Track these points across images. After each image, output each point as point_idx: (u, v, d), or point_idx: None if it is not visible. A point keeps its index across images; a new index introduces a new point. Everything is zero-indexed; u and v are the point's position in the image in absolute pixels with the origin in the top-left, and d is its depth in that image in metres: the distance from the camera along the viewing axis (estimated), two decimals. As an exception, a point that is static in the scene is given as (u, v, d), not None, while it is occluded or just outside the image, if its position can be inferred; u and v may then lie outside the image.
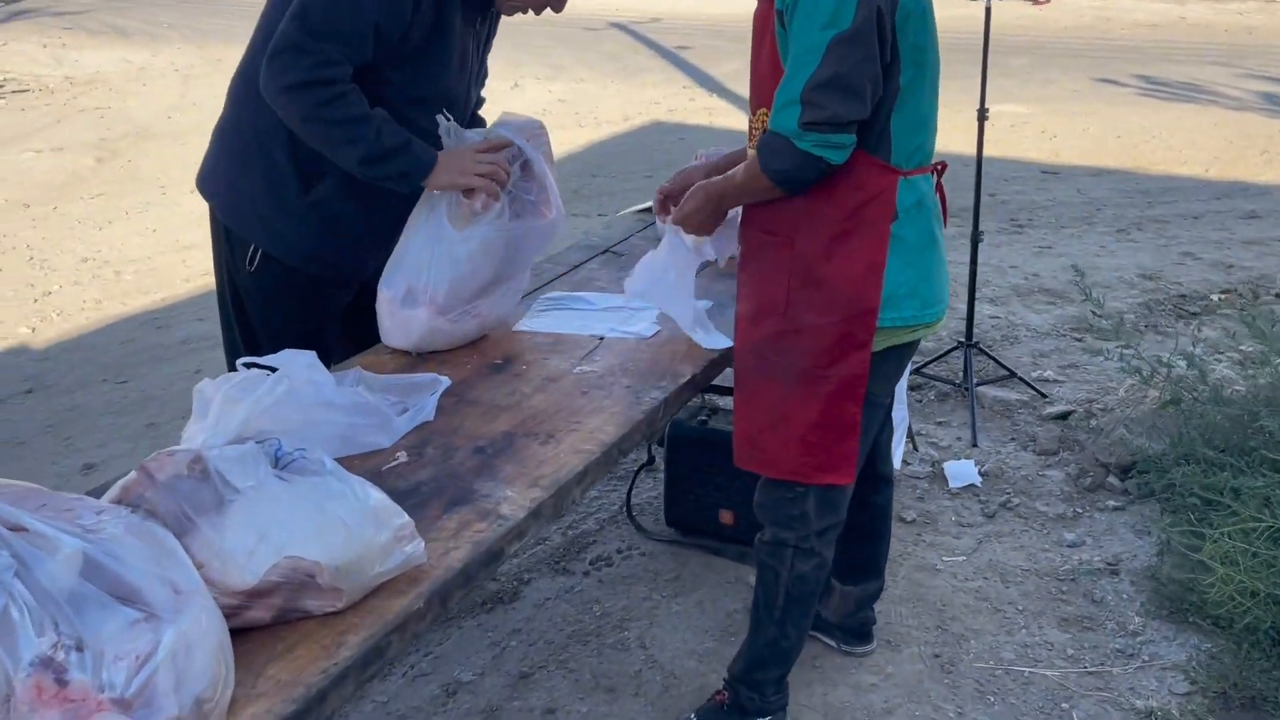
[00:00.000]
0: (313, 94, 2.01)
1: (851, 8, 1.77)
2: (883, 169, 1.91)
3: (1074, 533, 3.00)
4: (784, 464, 2.04)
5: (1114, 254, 5.49)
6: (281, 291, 2.26)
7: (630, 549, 2.97)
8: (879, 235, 1.92)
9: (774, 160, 1.86)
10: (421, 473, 1.76)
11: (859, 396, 1.98)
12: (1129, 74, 10.12)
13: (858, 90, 1.80)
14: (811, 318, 1.94)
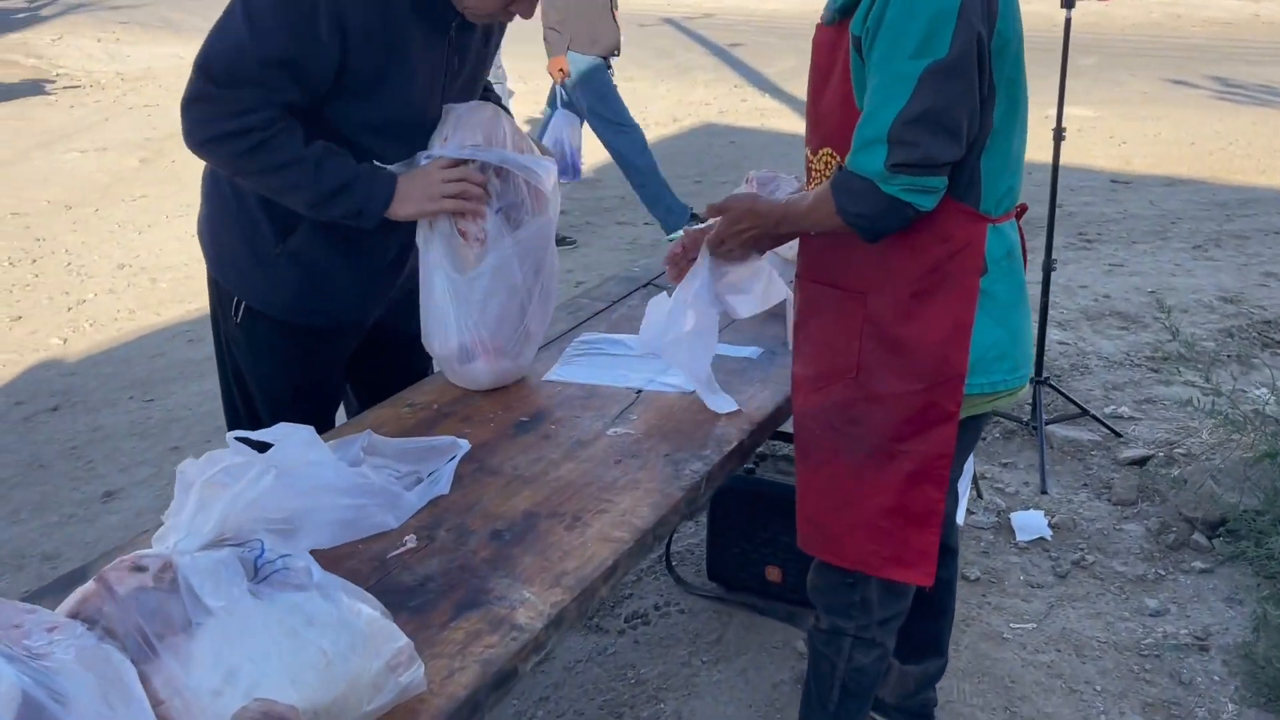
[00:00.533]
0: (231, 146, 1.81)
1: (948, 34, 1.52)
2: (971, 216, 1.67)
3: (1156, 599, 2.74)
4: (850, 551, 1.80)
5: (1191, 273, 5.16)
6: (269, 344, 2.08)
7: (669, 605, 2.76)
8: (966, 291, 1.68)
9: (853, 203, 1.61)
10: (431, 562, 1.56)
11: (943, 479, 1.73)
12: (1202, 75, 9.69)
13: (954, 128, 1.56)
14: (889, 385, 1.71)
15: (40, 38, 13.22)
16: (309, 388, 2.14)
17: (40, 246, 5.91)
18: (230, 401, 2.18)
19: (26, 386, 4.24)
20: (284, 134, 1.82)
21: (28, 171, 7.43)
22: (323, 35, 1.75)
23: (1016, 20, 1.63)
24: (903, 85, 1.54)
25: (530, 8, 1.86)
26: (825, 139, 1.73)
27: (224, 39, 1.77)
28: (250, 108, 1.78)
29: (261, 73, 1.76)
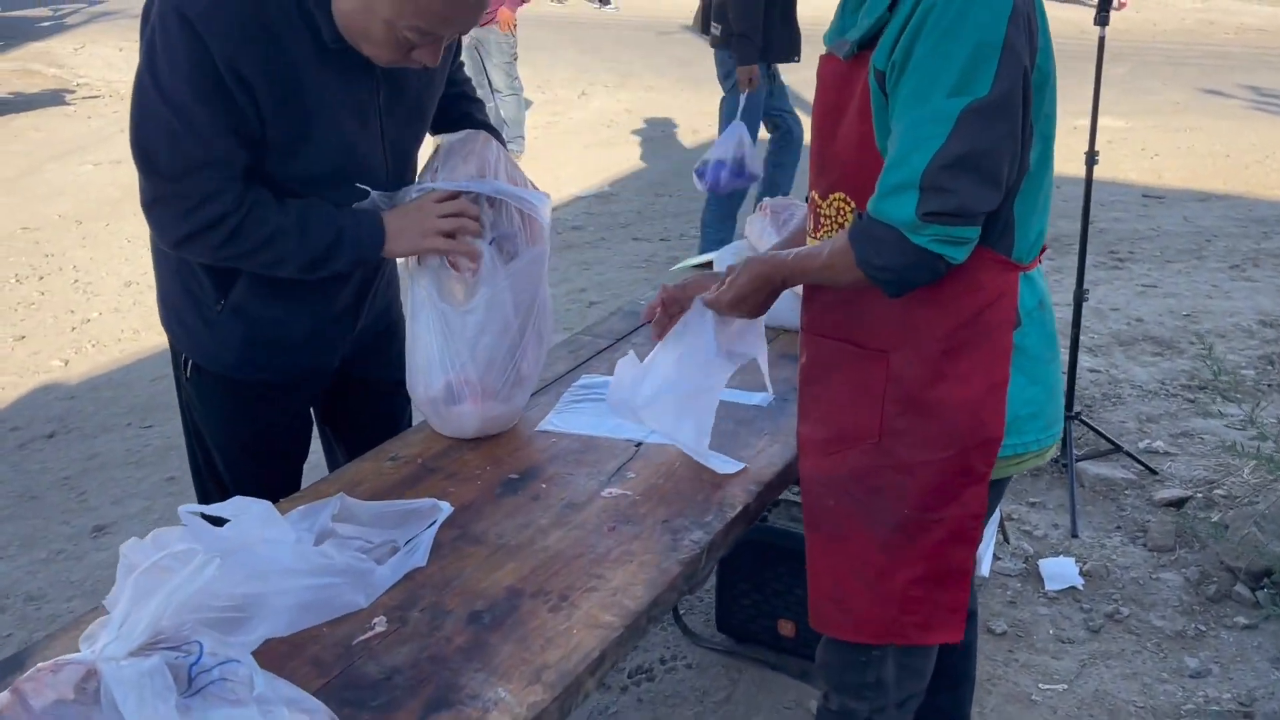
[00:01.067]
0: (208, 238, 1.68)
1: (990, 70, 1.35)
2: (1003, 265, 1.51)
3: (1197, 657, 2.56)
4: (878, 626, 1.65)
5: (1228, 295, 4.96)
6: (220, 401, 1.95)
7: (675, 658, 2.61)
8: (1000, 348, 1.53)
9: (877, 254, 1.44)
10: (400, 650, 1.42)
11: (974, 539, 1.59)
12: (1236, 84, 9.44)
13: (995, 174, 1.39)
14: (917, 453, 1.55)
15: (63, 46, 13.25)
16: (267, 445, 2.01)
17: (48, 263, 5.84)
18: (194, 460, 2.06)
19: (24, 411, 4.14)
20: (257, 208, 1.69)
21: (41, 184, 7.39)
22: (229, 86, 1.60)
23: (1051, 51, 1.47)
24: (939, 125, 1.37)
25: (435, 54, 1.69)
26: (837, 183, 1.57)
27: (153, 126, 1.62)
28: (212, 192, 1.65)
29: (207, 150, 1.63)
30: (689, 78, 10.59)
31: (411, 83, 1.84)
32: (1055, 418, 1.65)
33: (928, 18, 1.36)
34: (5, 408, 4.18)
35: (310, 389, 2.03)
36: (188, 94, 1.59)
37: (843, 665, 1.74)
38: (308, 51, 1.67)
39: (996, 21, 1.35)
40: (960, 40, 1.35)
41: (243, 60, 1.60)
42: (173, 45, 1.58)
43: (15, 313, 5.14)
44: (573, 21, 14.42)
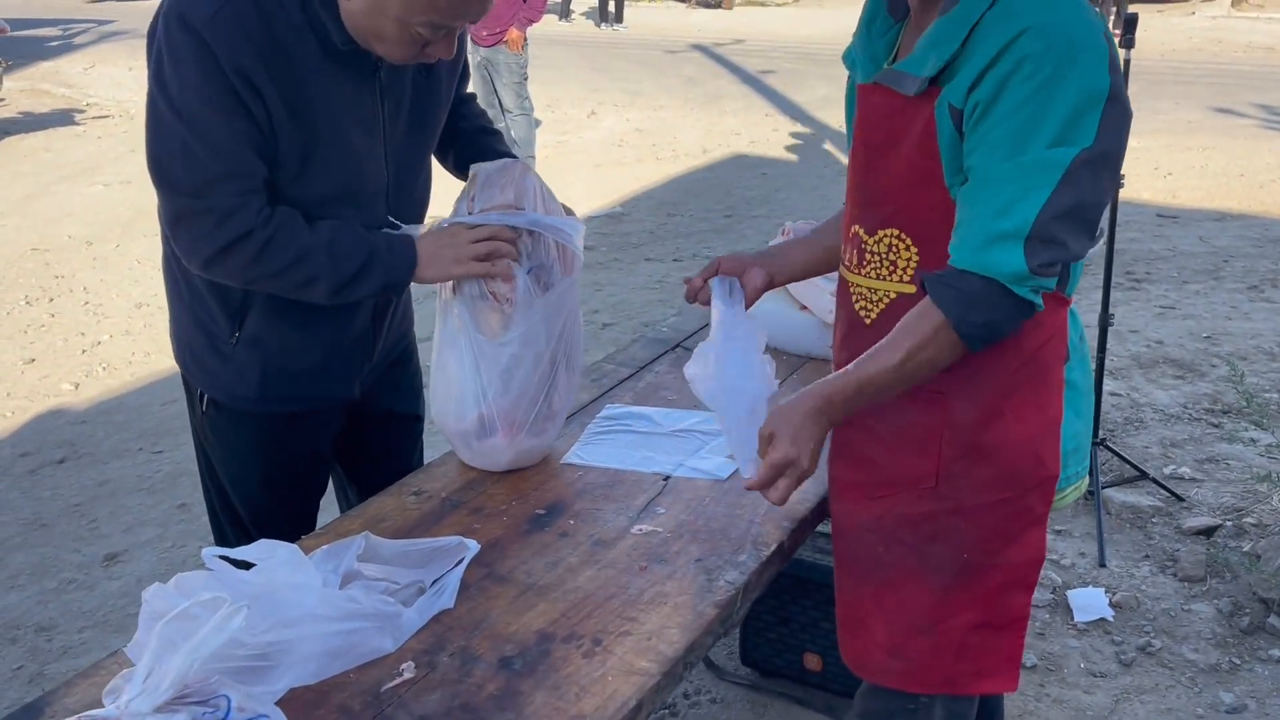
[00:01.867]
0: (238, 255, 1.64)
1: (1095, 120, 1.31)
2: (1059, 301, 1.48)
3: (1232, 692, 2.51)
4: (935, 675, 1.59)
5: (1248, 316, 4.91)
6: (239, 435, 1.90)
7: (699, 693, 2.56)
8: (1054, 383, 1.51)
9: (975, 310, 1.36)
10: (430, 698, 1.37)
11: (1031, 584, 1.56)
12: (1248, 103, 9.42)
13: (1096, 224, 1.38)
14: (977, 496, 1.50)
15: (73, 66, 13.31)
16: (286, 481, 1.96)
17: (59, 284, 5.82)
18: (209, 498, 2.01)
19: (34, 436, 4.11)
20: (285, 226, 1.65)
21: (51, 206, 7.38)
22: (240, 93, 1.57)
23: None
24: (1046, 175, 1.31)
25: (450, 47, 1.66)
26: (889, 219, 1.50)
27: (166, 141, 1.59)
28: (234, 208, 1.61)
29: (224, 163, 1.59)
30: (698, 97, 10.60)
31: (406, 95, 1.80)
32: (1087, 452, 1.66)
33: (1023, 63, 1.31)
34: (15, 432, 4.15)
35: (330, 421, 1.98)
36: (198, 104, 1.56)
37: (889, 714, 1.67)
38: (315, 60, 1.63)
39: (1099, 70, 1.32)
40: (1065, 89, 1.31)
41: (251, 68, 1.56)
42: (180, 56, 1.55)
43: (25, 335, 5.11)
44: (582, 41, 14.46)
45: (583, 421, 2.17)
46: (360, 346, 1.93)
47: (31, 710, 1.36)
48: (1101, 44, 1.33)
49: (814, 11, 16.00)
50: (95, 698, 1.34)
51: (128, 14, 18.11)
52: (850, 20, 1.60)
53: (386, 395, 2.05)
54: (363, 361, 1.95)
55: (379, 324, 1.95)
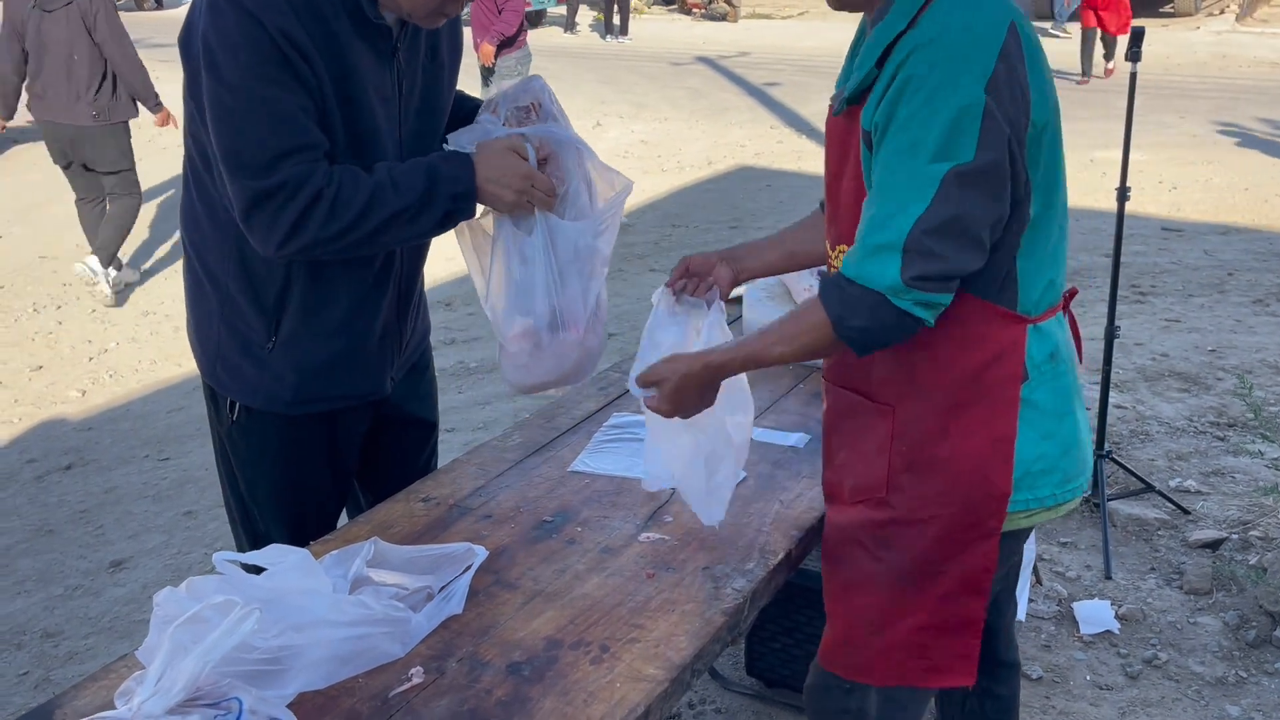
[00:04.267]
0: (314, 222, 1.64)
1: (973, 137, 1.35)
2: (1008, 318, 1.48)
3: (1239, 705, 2.50)
4: (883, 671, 1.63)
5: (1252, 330, 4.91)
6: (270, 441, 1.90)
7: (704, 703, 2.55)
8: (1006, 402, 1.49)
9: (854, 315, 1.42)
10: (438, 703, 1.37)
11: (984, 590, 1.57)
12: (1253, 117, 9.43)
13: (978, 238, 1.39)
14: (923, 509, 1.53)
15: (81, 77, 13.35)
16: (311, 487, 1.96)
17: (66, 292, 5.84)
18: (231, 509, 2.01)
19: (41, 443, 4.12)
20: (346, 176, 1.67)
21: (59, 215, 7.40)
22: (290, 59, 1.60)
23: (1051, 100, 1.45)
24: (922, 189, 1.37)
25: (460, 4, 1.72)
26: (843, 236, 1.54)
27: (233, 128, 1.61)
28: (302, 178, 1.63)
29: (289, 138, 1.61)
30: (704, 109, 10.63)
31: (419, 80, 1.83)
32: (1074, 473, 1.58)
33: (909, 83, 1.37)
34: (23, 438, 4.16)
35: (358, 422, 1.98)
36: (255, 81, 1.59)
37: (825, 688, 1.70)
38: (348, 34, 1.67)
39: (975, 88, 1.35)
40: (942, 105, 1.36)
41: (298, 35, 1.60)
42: (229, 37, 1.58)
43: (33, 342, 5.13)
44: (587, 53, 14.51)
45: (589, 430, 2.18)
46: (389, 339, 1.93)
47: (42, 713, 1.37)
48: (986, 61, 1.35)
49: (819, 24, 16.05)
50: (105, 701, 1.35)
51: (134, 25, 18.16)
52: (855, 33, 1.62)
53: (406, 401, 2.06)
54: (393, 355, 1.96)
55: (404, 316, 1.96)
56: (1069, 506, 1.61)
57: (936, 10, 1.40)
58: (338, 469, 1.98)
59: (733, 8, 17.12)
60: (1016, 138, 1.39)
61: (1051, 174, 1.47)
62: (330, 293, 1.82)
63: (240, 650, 1.25)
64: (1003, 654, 1.90)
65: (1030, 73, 1.40)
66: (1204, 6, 15.54)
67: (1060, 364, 1.55)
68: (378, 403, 1.98)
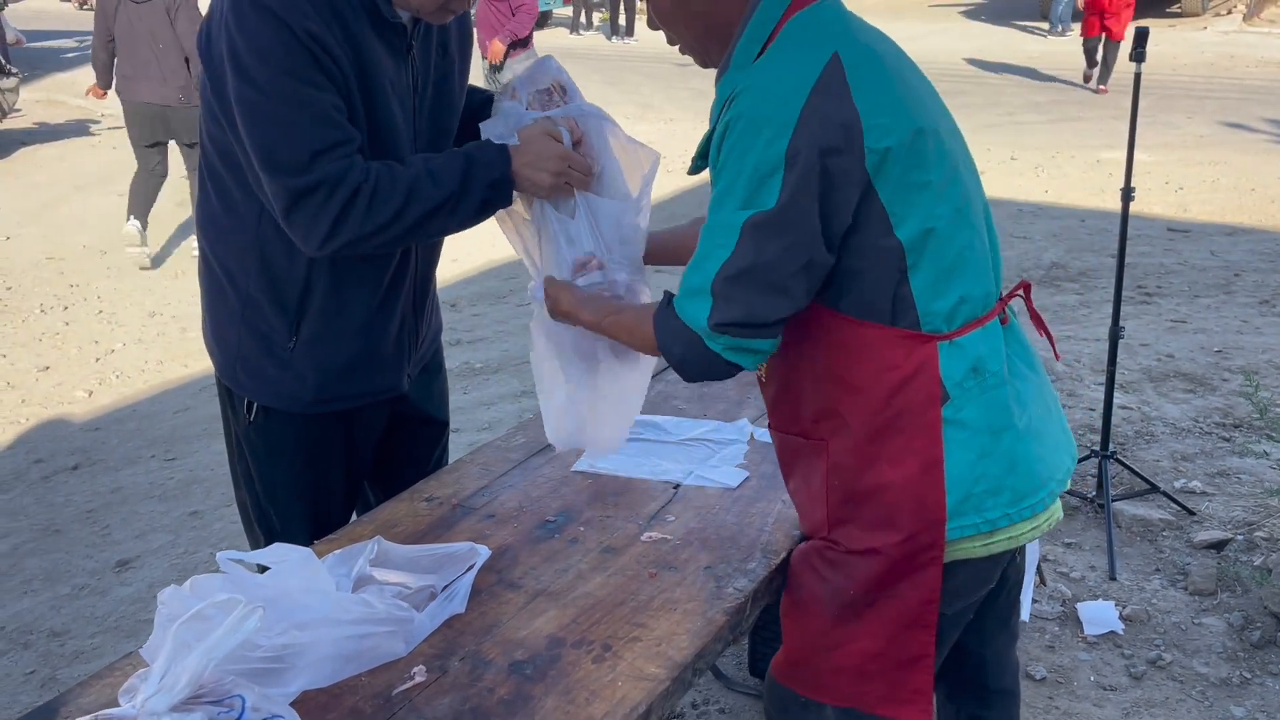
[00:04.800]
0: (352, 219, 1.65)
1: (775, 185, 1.36)
2: (914, 339, 1.45)
3: (1243, 706, 2.50)
4: (836, 691, 1.60)
5: (1259, 330, 4.90)
6: (289, 441, 1.91)
7: (708, 703, 2.56)
8: (926, 425, 1.46)
9: (675, 345, 1.50)
10: (441, 701, 1.38)
11: (929, 622, 1.53)
12: (1260, 118, 9.41)
13: (779, 284, 1.41)
14: (863, 541, 1.51)
15: (89, 78, 13.36)
16: (328, 487, 1.97)
17: (73, 293, 5.86)
18: (247, 512, 2.00)
19: (48, 443, 4.14)
20: (385, 171, 1.67)
21: (66, 215, 7.44)
22: (318, 57, 1.62)
23: (905, 119, 1.40)
24: (727, 235, 1.41)
25: (466, 1, 1.73)
26: None
27: (266, 129, 1.62)
28: (341, 174, 1.63)
29: (323, 135, 1.62)
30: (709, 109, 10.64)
31: (432, 76, 1.84)
32: (1028, 490, 1.52)
33: (728, 128, 1.40)
34: (30, 438, 4.18)
35: (375, 420, 1.99)
36: (285, 79, 1.60)
37: (783, 703, 1.68)
38: (366, 32, 1.69)
39: (778, 139, 1.35)
40: (746, 156, 1.38)
41: (321, 33, 1.61)
42: (256, 39, 1.60)
43: (40, 343, 5.15)
44: (592, 54, 14.52)
45: (593, 430, 2.18)
46: (406, 336, 1.95)
47: (47, 711, 1.38)
48: (792, 107, 1.35)
49: (825, 25, 16.05)
50: (109, 699, 1.36)
51: (143, 26, 18.24)
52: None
53: (419, 400, 2.07)
54: (410, 350, 1.97)
55: (420, 313, 1.97)
56: (1028, 528, 1.54)
57: (764, 58, 1.43)
58: (353, 468, 1.99)
59: (738, 9, 17.11)
60: (845, 174, 1.37)
61: (927, 190, 1.43)
62: (350, 292, 1.83)
63: (244, 648, 1.26)
64: (993, 682, 1.83)
65: (861, 101, 1.37)
66: (1211, 6, 15.51)
67: (988, 378, 1.49)
68: (393, 401, 1.99)
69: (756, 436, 2.12)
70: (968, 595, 1.60)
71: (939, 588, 1.51)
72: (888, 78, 1.42)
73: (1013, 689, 1.86)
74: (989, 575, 1.61)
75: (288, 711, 1.19)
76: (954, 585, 1.54)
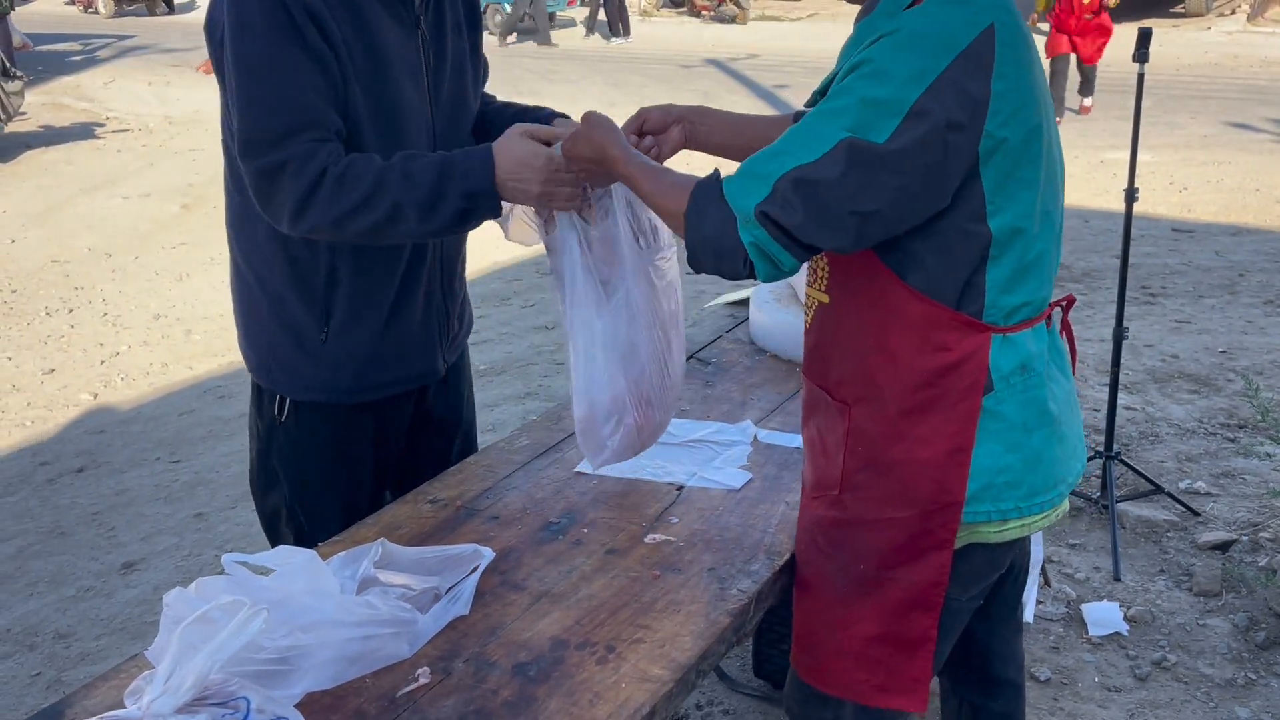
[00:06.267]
0: (319, 200, 1.64)
1: (891, 127, 1.31)
2: (971, 326, 1.44)
3: (1248, 707, 2.49)
4: (837, 679, 1.62)
5: (1264, 331, 4.89)
6: (322, 434, 1.91)
7: (712, 704, 2.56)
8: (965, 413, 1.46)
9: (702, 222, 1.42)
10: (445, 703, 1.38)
11: (934, 605, 1.54)
12: (1263, 118, 9.39)
13: (841, 217, 1.35)
14: (875, 510, 1.52)
15: (94, 80, 13.44)
16: (359, 479, 1.97)
17: (78, 295, 5.88)
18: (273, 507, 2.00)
19: (54, 445, 4.15)
20: (358, 158, 1.67)
21: (71, 218, 7.46)
22: (312, 40, 1.63)
23: (1026, 115, 1.38)
24: (818, 142, 1.34)
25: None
26: None
27: (247, 102, 1.64)
28: (309, 155, 1.64)
29: (300, 115, 1.63)
30: (712, 111, 10.63)
31: (447, 53, 1.85)
32: (1041, 487, 1.53)
33: (861, 65, 1.36)
34: (35, 441, 4.19)
35: (404, 412, 2.00)
36: (272, 54, 1.62)
37: (802, 699, 1.69)
38: (374, 9, 1.70)
39: (912, 87, 1.31)
40: (874, 88, 1.33)
41: (317, 8, 1.62)
42: (249, 13, 1.61)
43: (45, 345, 5.16)
44: (596, 55, 14.54)
45: (597, 432, 2.18)
46: (436, 318, 1.95)
47: (53, 713, 1.38)
48: (938, 61, 1.31)
49: (828, 27, 16.04)
50: (115, 700, 1.36)
51: (147, 29, 18.31)
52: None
53: (445, 399, 2.08)
54: (443, 334, 1.98)
55: (448, 295, 1.98)
56: (1039, 521, 1.55)
57: (919, 8, 1.37)
58: (381, 463, 2.00)
59: (742, 10, 17.12)
60: (959, 152, 1.34)
61: (1029, 188, 1.42)
62: (375, 276, 1.84)
63: (248, 650, 1.26)
64: (998, 671, 1.84)
65: (999, 81, 1.33)
66: (1215, 7, 15.48)
67: (1032, 376, 1.49)
68: (419, 399, 2.00)
69: (760, 438, 2.12)
70: (981, 580, 1.61)
71: (948, 570, 1.52)
72: (1028, 64, 1.40)
73: (1017, 681, 1.87)
74: (1001, 560, 1.63)
75: (293, 713, 1.19)
76: (969, 569, 1.56)
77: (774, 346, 2.55)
